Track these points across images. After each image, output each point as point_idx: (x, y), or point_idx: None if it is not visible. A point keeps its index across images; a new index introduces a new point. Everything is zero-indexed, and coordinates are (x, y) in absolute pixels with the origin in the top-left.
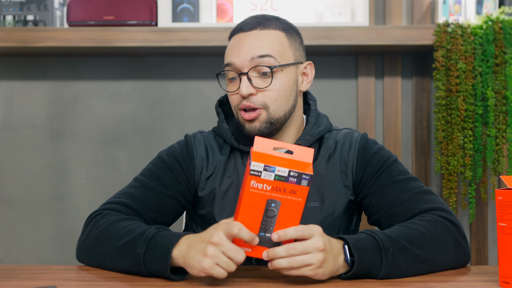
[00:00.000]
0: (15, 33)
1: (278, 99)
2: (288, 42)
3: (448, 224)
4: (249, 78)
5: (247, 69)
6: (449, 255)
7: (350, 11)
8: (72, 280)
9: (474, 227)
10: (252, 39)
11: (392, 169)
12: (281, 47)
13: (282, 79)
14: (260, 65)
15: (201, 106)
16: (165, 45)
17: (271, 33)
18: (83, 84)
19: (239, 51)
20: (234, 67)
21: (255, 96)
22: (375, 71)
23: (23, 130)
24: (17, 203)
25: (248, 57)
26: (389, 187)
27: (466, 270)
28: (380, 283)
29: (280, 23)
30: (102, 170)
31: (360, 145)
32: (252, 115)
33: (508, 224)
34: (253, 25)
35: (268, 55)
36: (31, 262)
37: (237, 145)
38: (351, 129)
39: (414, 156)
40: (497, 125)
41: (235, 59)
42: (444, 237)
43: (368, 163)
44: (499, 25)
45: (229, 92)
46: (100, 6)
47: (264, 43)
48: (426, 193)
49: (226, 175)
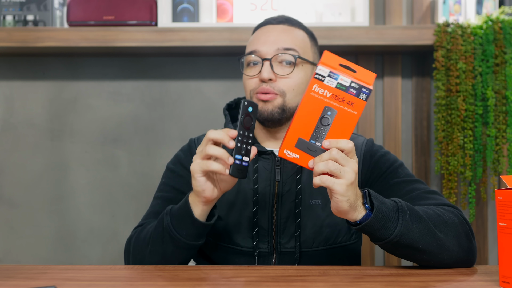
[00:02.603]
0: (15, 33)
1: (295, 89)
2: (310, 44)
3: (462, 218)
4: (271, 64)
5: (271, 56)
6: (459, 244)
7: (350, 11)
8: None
9: (474, 227)
10: (280, 32)
11: (399, 171)
12: (304, 45)
13: (301, 72)
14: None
15: (201, 106)
16: (165, 45)
17: (297, 31)
18: (83, 84)
19: (266, 40)
20: (259, 54)
21: (275, 83)
22: (375, 71)
23: (23, 130)
24: (17, 203)
25: (274, 47)
26: (397, 185)
27: (466, 270)
28: (380, 283)
29: (304, 27)
30: (102, 170)
31: (366, 148)
32: (268, 96)
33: (508, 224)
34: (282, 20)
35: (293, 49)
36: (31, 262)
37: None
38: (356, 134)
39: (414, 156)
40: (497, 125)
41: (261, 47)
42: (457, 225)
43: (375, 165)
44: (499, 25)
45: (248, 76)
46: (100, 6)
47: (290, 37)
48: (434, 193)
49: None
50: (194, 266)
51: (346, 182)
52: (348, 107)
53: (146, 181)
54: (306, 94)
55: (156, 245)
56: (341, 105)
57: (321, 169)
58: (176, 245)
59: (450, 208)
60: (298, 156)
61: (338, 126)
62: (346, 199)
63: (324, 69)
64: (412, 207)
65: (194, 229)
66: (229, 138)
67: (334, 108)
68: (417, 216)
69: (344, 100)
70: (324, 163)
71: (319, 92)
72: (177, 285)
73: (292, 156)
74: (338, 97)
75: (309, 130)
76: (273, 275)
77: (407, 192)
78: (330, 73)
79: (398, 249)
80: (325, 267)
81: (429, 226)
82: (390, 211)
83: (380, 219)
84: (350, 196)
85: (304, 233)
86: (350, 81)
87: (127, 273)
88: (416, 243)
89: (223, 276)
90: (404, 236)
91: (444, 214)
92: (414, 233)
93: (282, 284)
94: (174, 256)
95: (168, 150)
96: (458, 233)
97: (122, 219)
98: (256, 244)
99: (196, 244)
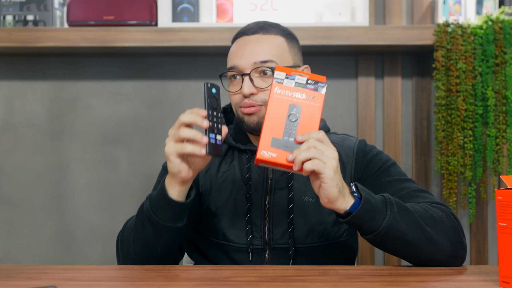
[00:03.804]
0: (15, 33)
1: None
2: (288, 47)
3: (450, 214)
4: (251, 78)
5: (249, 71)
6: (448, 238)
7: (350, 11)
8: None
9: (474, 227)
10: (255, 43)
11: (391, 170)
12: (282, 52)
13: None
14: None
15: (201, 106)
16: (165, 45)
17: (272, 38)
18: (83, 84)
19: (242, 54)
20: (237, 69)
21: (257, 96)
22: (375, 71)
23: (23, 130)
24: (17, 203)
25: (251, 61)
26: (388, 184)
27: (466, 270)
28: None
29: (280, 29)
30: (102, 170)
31: (359, 148)
32: (252, 109)
33: (508, 224)
34: (256, 30)
35: (270, 60)
36: (31, 262)
37: (235, 143)
38: (348, 135)
39: (414, 156)
40: (497, 125)
41: (238, 62)
42: (445, 220)
43: (368, 165)
44: (499, 25)
45: (231, 92)
46: (100, 6)
47: (265, 47)
48: (424, 192)
49: (221, 170)
50: (194, 266)
51: (331, 166)
52: (310, 101)
53: (146, 181)
54: (271, 97)
55: (138, 231)
56: (304, 100)
57: (304, 156)
58: (155, 228)
59: (438, 205)
60: (275, 154)
61: (305, 120)
62: (335, 183)
63: (280, 73)
64: (399, 201)
65: (171, 210)
66: (201, 118)
67: (298, 104)
68: (404, 210)
69: (305, 95)
70: (306, 150)
71: (281, 93)
72: (177, 285)
73: (269, 155)
74: (299, 94)
75: (280, 129)
76: (273, 275)
77: (398, 191)
78: (287, 76)
79: (387, 242)
80: (325, 267)
81: (416, 219)
82: (378, 203)
83: (368, 210)
84: (337, 181)
85: (297, 229)
86: (306, 79)
87: (127, 273)
88: (405, 235)
89: (223, 276)
90: (392, 227)
91: (432, 209)
92: (402, 225)
93: (282, 284)
94: (156, 241)
95: None
96: (447, 228)
97: (122, 219)
98: (250, 240)
99: (175, 226)
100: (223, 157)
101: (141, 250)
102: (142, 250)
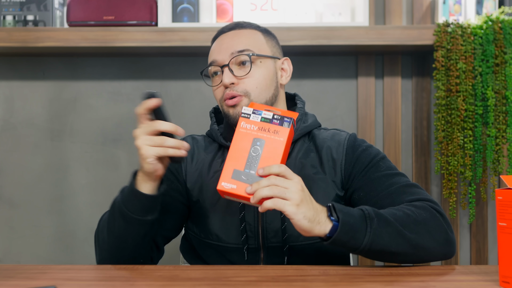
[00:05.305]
0: (15, 33)
1: (258, 87)
2: (265, 40)
3: (434, 212)
4: (230, 69)
5: (227, 62)
6: (434, 239)
7: (350, 11)
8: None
9: (474, 227)
10: (231, 38)
11: (380, 165)
12: (258, 43)
13: (261, 69)
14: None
15: (201, 106)
16: (165, 45)
17: (248, 32)
18: (83, 84)
19: (220, 49)
20: (217, 63)
21: (237, 85)
22: (375, 71)
23: (23, 130)
24: (17, 203)
25: (228, 53)
26: (377, 180)
27: (466, 270)
28: (380, 283)
29: (257, 26)
30: (102, 170)
31: (349, 143)
32: (234, 100)
33: (508, 224)
34: (232, 26)
35: (246, 49)
36: (31, 262)
37: (225, 142)
38: (339, 130)
39: (414, 156)
40: (497, 125)
41: (217, 56)
42: (429, 221)
43: (357, 160)
44: (499, 25)
45: (213, 86)
46: (100, 6)
47: (242, 39)
48: (413, 186)
49: (212, 169)
50: (194, 266)
51: (294, 202)
52: (274, 135)
53: None
54: (236, 131)
55: (110, 224)
56: (268, 134)
57: (265, 193)
58: (125, 220)
59: (422, 203)
60: (235, 186)
61: (268, 154)
62: (302, 216)
63: (248, 108)
64: (379, 213)
65: (139, 203)
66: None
67: (262, 138)
68: (385, 221)
69: (269, 130)
70: (268, 188)
71: (247, 127)
72: (177, 285)
73: (229, 187)
74: (264, 128)
75: (242, 161)
76: (273, 275)
77: (387, 187)
78: (254, 111)
79: (372, 256)
80: (325, 267)
81: (398, 229)
82: (357, 221)
83: (347, 231)
84: (305, 213)
85: (290, 227)
86: (272, 114)
87: (127, 273)
88: (388, 247)
89: (223, 276)
90: (374, 243)
91: (414, 212)
92: (384, 239)
93: (282, 284)
94: (127, 234)
95: None
96: (431, 229)
97: None
98: (244, 239)
99: (144, 219)
100: (213, 157)
101: (114, 242)
102: (114, 242)
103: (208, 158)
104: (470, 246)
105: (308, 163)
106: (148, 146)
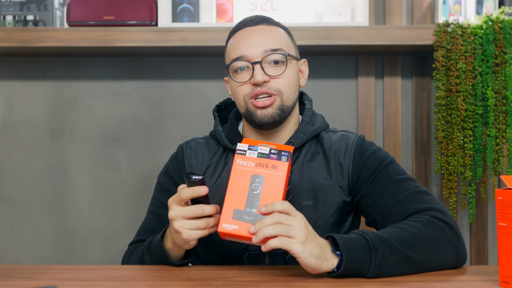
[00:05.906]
0: (15, 33)
1: (290, 87)
2: (290, 40)
3: (442, 225)
4: (262, 66)
5: (260, 59)
6: (443, 257)
7: (350, 11)
8: (72, 280)
9: (474, 227)
10: (262, 33)
11: (389, 170)
12: (287, 42)
13: (291, 69)
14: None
15: (201, 106)
16: (165, 45)
17: (277, 29)
18: (83, 84)
19: (250, 43)
20: (246, 58)
21: (269, 83)
22: (375, 71)
23: (23, 130)
24: (17, 203)
25: (261, 50)
26: (385, 187)
27: (466, 270)
28: (380, 283)
29: (281, 24)
30: (102, 170)
31: (356, 147)
32: (267, 101)
33: (508, 224)
34: (259, 21)
35: (280, 49)
36: (31, 262)
37: (231, 145)
38: (347, 131)
39: (414, 156)
40: (497, 125)
41: (247, 51)
42: (437, 238)
43: (365, 164)
44: (499, 25)
45: (239, 83)
46: (100, 6)
47: (273, 37)
48: (422, 193)
49: (216, 173)
50: (194, 266)
51: (300, 240)
52: (273, 170)
53: (146, 181)
54: (233, 169)
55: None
56: (266, 170)
57: (270, 232)
58: None
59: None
60: (237, 227)
61: (268, 190)
62: (309, 254)
63: (243, 145)
64: (384, 240)
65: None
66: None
67: (260, 174)
68: (391, 248)
69: (267, 165)
70: (273, 227)
71: (244, 164)
72: (177, 285)
73: (231, 228)
74: (261, 164)
75: (242, 200)
76: (273, 275)
77: (395, 194)
78: (250, 147)
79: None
80: None
81: (405, 255)
82: (361, 255)
83: (352, 266)
84: (311, 250)
85: None
86: (269, 149)
87: (127, 273)
88: (395, 273)
89: (223, 276)
90: (381, 273)
91: (422, 230)
92: (390, 267)
93: (282, 284)
94: None
95: (168, 150)
96: (440, 246)
97: (122, 219)
98: (245, 246)
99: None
100: (218, 160)
101: None
102: None
103: (212, 163)
104: (470, 246)
105: (315, 167)
106: (190, 230)
